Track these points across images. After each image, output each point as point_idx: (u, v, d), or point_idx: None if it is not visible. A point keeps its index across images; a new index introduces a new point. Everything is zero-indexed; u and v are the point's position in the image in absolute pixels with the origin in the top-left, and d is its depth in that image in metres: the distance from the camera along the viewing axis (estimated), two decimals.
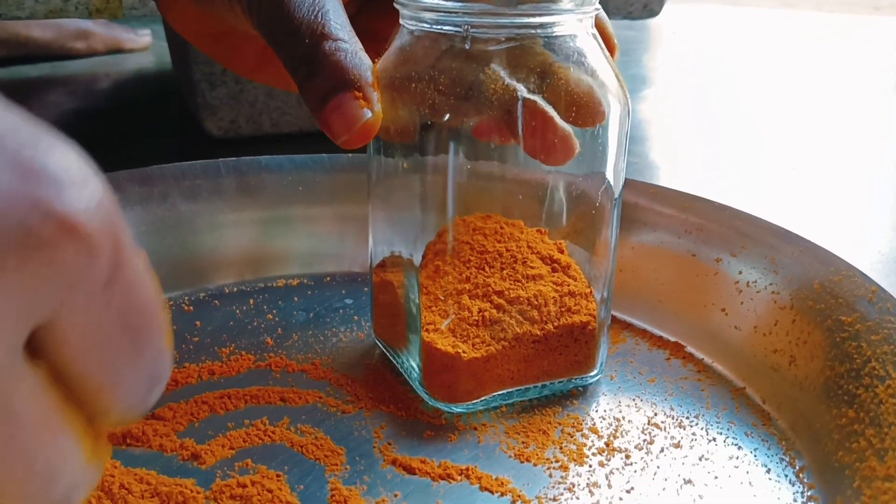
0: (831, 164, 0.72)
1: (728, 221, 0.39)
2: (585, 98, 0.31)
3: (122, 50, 1.05)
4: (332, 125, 0.30)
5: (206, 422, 0.32)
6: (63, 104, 0.85)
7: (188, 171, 0.43)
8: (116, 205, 0.15)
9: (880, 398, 0.29)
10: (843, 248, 0.37)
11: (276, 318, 0.40)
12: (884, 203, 0.62)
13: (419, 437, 0.31)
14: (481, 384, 0.32)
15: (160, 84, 0.94)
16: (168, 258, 0.41)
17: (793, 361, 0.34)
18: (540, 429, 0.32)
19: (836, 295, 0.33)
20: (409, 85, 0.31)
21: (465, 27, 0.29)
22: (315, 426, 0.32)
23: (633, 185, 0.42)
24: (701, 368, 0.37)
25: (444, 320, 0.32)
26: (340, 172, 0.45)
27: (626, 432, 0.32)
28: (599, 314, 0.34)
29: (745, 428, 0.33)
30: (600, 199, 0.34)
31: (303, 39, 0.31)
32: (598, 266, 0.34)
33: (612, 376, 0.36)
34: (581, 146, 0.32)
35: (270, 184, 0.44)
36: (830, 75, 1.09)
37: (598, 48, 0.31)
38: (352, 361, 0.36)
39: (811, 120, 0.87)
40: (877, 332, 0.31)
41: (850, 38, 1.39)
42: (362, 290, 0.42)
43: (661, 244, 0.41)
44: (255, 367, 0.36)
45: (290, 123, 0.69)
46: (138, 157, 0.68)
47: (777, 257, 0.37)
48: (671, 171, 0.69)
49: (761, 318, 0.36)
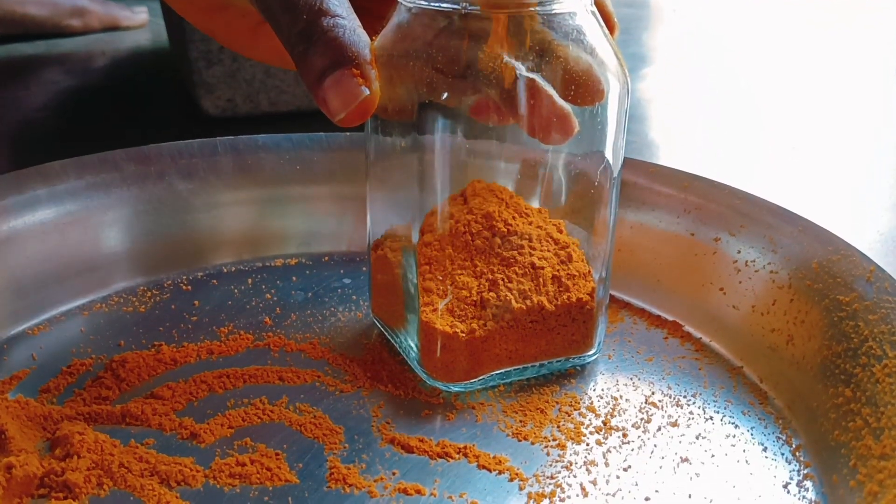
0: (831, 143, 0.72)
1: (727, 200, 0.39)
2: (584, 76, 0.31)
3: (118, 27, 1.04)
4: (329, 102, 0.30)
5: (204, 401, 0.32)
6: (59, 82, 0.84)
7: (185, 149, 0.43)
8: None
9: (877, 377, 0.29)
10: (841, 227, 0.37)
11: (274, 297, 0.40)
12: (883, 182, 0.62)
13: (417, 415, 0.32)
14: (479, 363, 0.32)
15: (157, 62, 0.93)
16: (166, 237, 0.41)
17: (790, 341, 0.34)
18: (538, 407, 0.32)
19: (835, 274, 0.33)
20: (407, 63, 0.30)
21: (462, 4, 0.29)
22: (313, 405, 0.32)
23: (632, 163, 0.42)
24: (699, 347, 0.37)
25: (442, 300, 0.32)
26: (338, 151, 0.45)
27: (624, 411, 0.32)
28: (598, 293, 0.34)
29: (742, 407, 0.33)
30: (599, 179, 0.33)
31: (300, 15, 0.31)
32: (597, 245, 0.34)
33: (610, 355, 0.36)
34: (580, 125, 0.32)
35: (268, 163, 0.44)
36: (831, 54, 1.09)
37: (597, 26, 0.31)
38: (350, 341, 0.36)
39: (811, 99, 0.86)
40: (874, 311, 0.31)
41: (852, 16, 1.38)
42: (360, 270, 0.42)
43: (660, 223, 0.41)
44: (253, 346, 0.36)
45: (288, 102, 0.69)
46: (135, 135, 0.67)
47: (775, 237, 0.37)
48: (670, 149, 0.69)
49: (759, 297, 0.36)
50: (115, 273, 0.40)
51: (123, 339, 0.36)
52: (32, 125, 0.72)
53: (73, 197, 0.39)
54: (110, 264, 0.40)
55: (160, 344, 0.35)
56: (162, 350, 0.35)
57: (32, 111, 0.76)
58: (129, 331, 0.36)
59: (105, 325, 0.37)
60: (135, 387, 0.33)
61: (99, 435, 0.29)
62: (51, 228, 0.38)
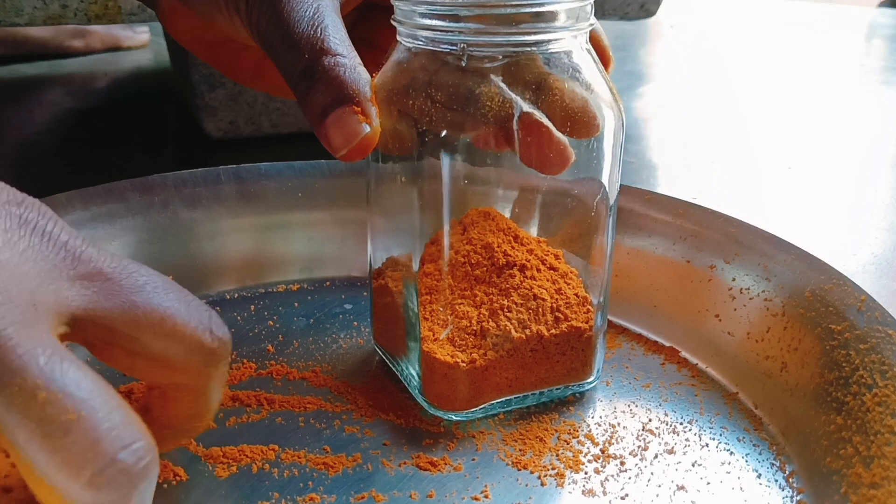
0: (826, 163, 0.73)
1: (722, 228, 0.40)
2: (580, 112, 0.31)
3: (120, 48, 1.05)
4: (331, 139, 0.31)
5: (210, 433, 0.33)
6: (62, 103, 0.85)
7: (189, 178, 0.44)
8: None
9: (867, 406, 0.29)
10: (836, 248, 0.37)
11: (276, 324, 0.40)
12: (878, 203, 0.63)
13: (418, 444, 0.32)
14: (480, 392, 0.33)
15: (159, 82, 0.94)
16: (170, 265, 0.42)
17: (784, 368, 0.34)
18: (537, 436, 0.33)
19: (827, 303, 0.34)
20: (407, 100, 0.31)
21: (461, 45, 0.30)
22: (316, 434, 0.33)
23: (629, 190, 0.43)
24: (695, 373, 0.37)
25: (443, 330, 0.33)
26: (339, 177, 0.46)
27: (622, 439, 0.33)
28: (596, 321, 0.35)
29: (737, 433, 0.33)
30: (596, 208, 0.34)
31: (303, 54, 0.31)
32: (595, 274, 0.35)
33: (608, 382, 0.37)
34: (577, 156, 0.32)
35: (270, 190, 0.45)
36: (830, 69, 1.10)
37: (592, 63, 0.32)
38: (352, 368, 0.37)
39: (808, 117, 0.87)
40: (865, 340, 0.32)
41: (852, 29, 1.39)
42: (362, 295, 0.43)
43: (656, 249, 0.41)
44: (256, 375, 0.36)
45: (290, 124, 0.70)
46: (137, 157, 0.68)
47: (770, 265, 0.37)
48: (668, 170, 0.70)
49: (754, 324, 0.37)
50: None
51: None
52: (34, 147, 0.72)
53: (79, 227, 0.40)
54: None
55: None
56: None
57: (34, 133, 0.76)
58: None
59: None
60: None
61: None
62: None
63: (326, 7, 0.33)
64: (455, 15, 0.29)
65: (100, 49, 1.03)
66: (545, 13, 0.29)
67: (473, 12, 0.29)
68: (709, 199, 0.59)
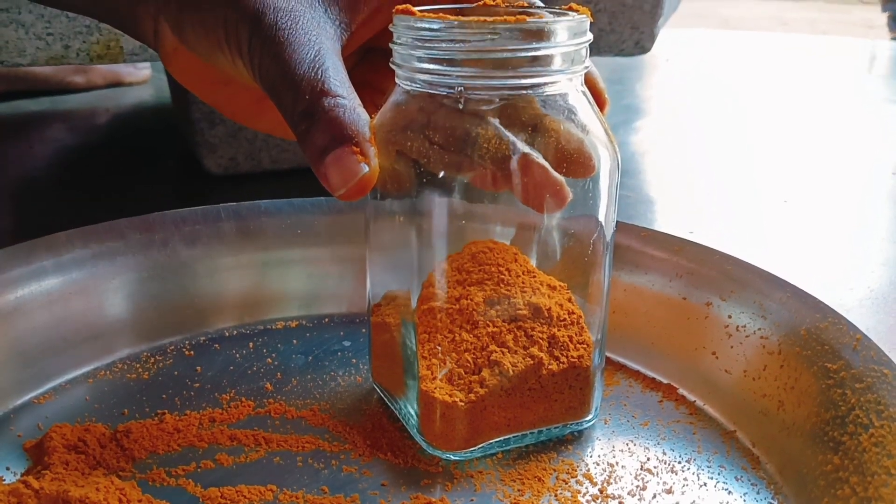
0: (823, 196, 0.73)
1: (718, 265, 0.40)
2: (576, 153, 0.32)
3: (121, 83, 1.06)
4: (330, 179, 0.31)
5: (210, 471, 0.33)
6: (63, 139, 0.86)
7: (188, 216, 0.44)
8: None
9: (864, 446, 0.29)
10: (833, 283, 0.37)
11: (275, 361, 0.41)
12: (874, 237, 0.63)
13: (416, 484, 0.32)
14: (478, 431, 0.33)
15: (159, 118, 0.95)
16: (169, 303, 0.42)
17: (781, 406, 0.34)
18: (535, 476, 0.33)
19: (823, 342, 0.34)
20: (405, 141, 0.31)
21: (458, 88, 0.30)
22: (313, 474, 0.33)
23: (625, 227, 0.43)
24: (693, 411, 0.37)
25: (441, 370, 0.33)
26: (338, 215, 0.46)
27: (620, 478, 0.33)
28: (594, 359, 0.35)
29: (735, 472, 0.33)
30: (593, 246, 0.34)
31: (303, 95, 0.32)
32: (592, 312, 0.35)
33: (607, 420, 0.37)
34: (573, 195, 0.33)
35: (270, 228, 0.45)
36: (825, 100, 1.11)
37: (587, 104, 0.32)
38: (350, 407, 0.37)
39: (803, 150, 0.88)
40: (861, 380, 0.32)
41: (845, 59, 1.41)
42: (360, 332, 0.43)
43: (653, 286, 0.42)
44: (254, 413, 0.36)
45: (290, 160, 0.70)
46: (137, 193, 0.69)
47: (765, 303, 0.38)
48: (665, 204, 0.70)
49: (751, 362, 0.37)
50: (120, 340, 0.40)
51: (127, 408, 0.36)
52: (35, 182, 0.73)
53: (79, 266, 0.40)
54: (114, 331, 0.40)
55: (163, 412, 0.36)
56: (165, 419, 0.35)
57: (35, 168, 0.77)
58: (132, 399, 0.37)
59: (109, 393, 0.37)
60: (140, 459, 0.33)
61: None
62: (56, 297, 0.39)
63: (327, 50, 0.33)
64: (452, 59, 0.30)
65: (101, 85, 1.04)
66: (541, 57, 0.30)
67: (470, 57, 0.30)
68: (705, 232, 0.60)
